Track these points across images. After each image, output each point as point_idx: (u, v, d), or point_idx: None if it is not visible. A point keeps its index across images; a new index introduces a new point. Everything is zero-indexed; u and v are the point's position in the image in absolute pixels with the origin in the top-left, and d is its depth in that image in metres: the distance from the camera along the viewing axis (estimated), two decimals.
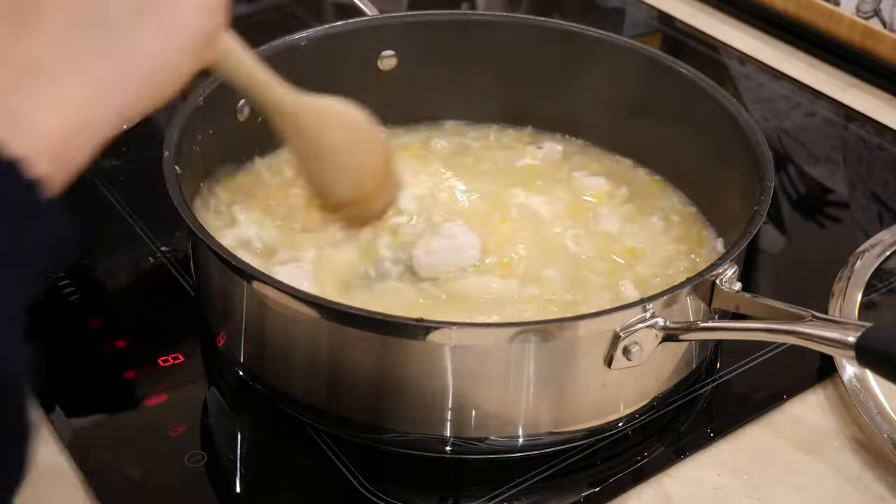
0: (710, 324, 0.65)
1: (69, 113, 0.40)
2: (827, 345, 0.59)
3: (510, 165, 0.86)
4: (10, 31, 0.40)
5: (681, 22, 1.19)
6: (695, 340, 0.66)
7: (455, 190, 0.82)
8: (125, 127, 0.47)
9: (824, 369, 0.73)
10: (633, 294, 0.72)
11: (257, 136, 0.78)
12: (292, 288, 0.61)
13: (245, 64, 0.64)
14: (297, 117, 0.69)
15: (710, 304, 0.65)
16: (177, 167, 0.67)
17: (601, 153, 0.88)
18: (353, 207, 0.74)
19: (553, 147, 0.87)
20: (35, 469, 0.38)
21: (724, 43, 1.15)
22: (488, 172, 0.85)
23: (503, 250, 0.75)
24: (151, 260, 0.81)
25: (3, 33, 0.40)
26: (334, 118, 0.71)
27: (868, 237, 0.85)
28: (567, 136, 0.89)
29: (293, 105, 0.69)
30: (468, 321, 0.68)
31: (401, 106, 0.88)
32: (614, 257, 0.76)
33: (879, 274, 0.81)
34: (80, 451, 0.66)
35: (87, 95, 0.41)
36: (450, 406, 0.62)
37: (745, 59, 1.12)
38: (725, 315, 0.69)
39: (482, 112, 0.91)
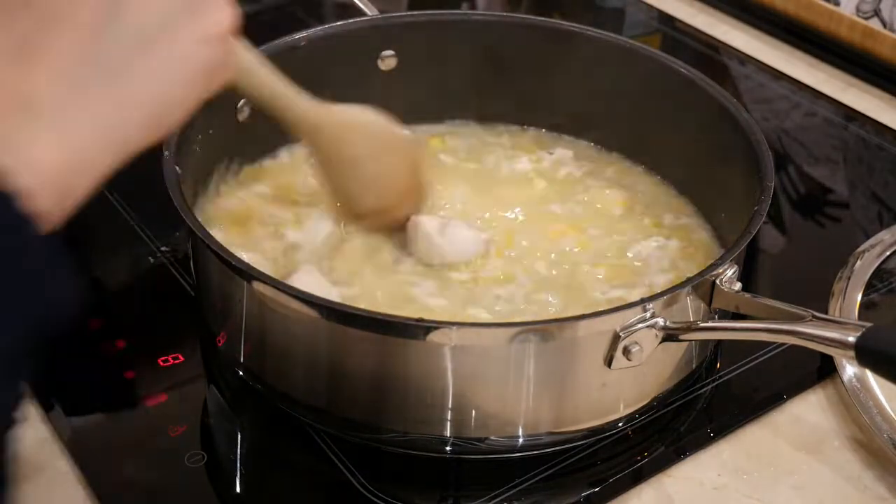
0: (710, 324, 0.65)
1: (69, 147, 0.39)
2: (827, 345, 0.59)
3: (514, 167, 0.86)
4: (11, 65, 0.39)
5: (681, 22, 1.19)
6: (695, 340, 0.66)
7: (458, 192, 0.82)
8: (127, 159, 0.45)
9: (824, 369, 0.73)
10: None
11: (258, 135, 0.78)
12: (292, 287, 0.61)
13: (261, 80, 0.65)
14: (319, 130, 0.70)
15: (710, 304, 0.65)
16: (177, 167, 0.67)
17: (607, 157, 0.88)
18: (378, 216, 0.74)
19: (564, 153, 0.87)
20: (35, 469, 0.38)
21: (724, 43, 1.15)
22: (491, 173, 0.85)
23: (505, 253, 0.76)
24: (151, 260, 0.81)
25: (3, 66, 0.39)
26: (356, 128, 0.71)
27: (868, 237, 0.85)
28: (567, 137, 0.89)
29: (314, 118, 0.69)
30: (469, 321, 0.68)
31: (401, 106, 0.88)
32: (615, 258, 0.77)
33: (879, 274, 0.81)
34: (80, 451, 0.66)
35: (87, 130, 0.40)
36: (450, 406, 0.62)
37: (745, 59, 1.12)
38: (725, 315, 0.69)
39: (483, 112, 0.91)
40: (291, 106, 0.68)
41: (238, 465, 0.66)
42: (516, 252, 0.76)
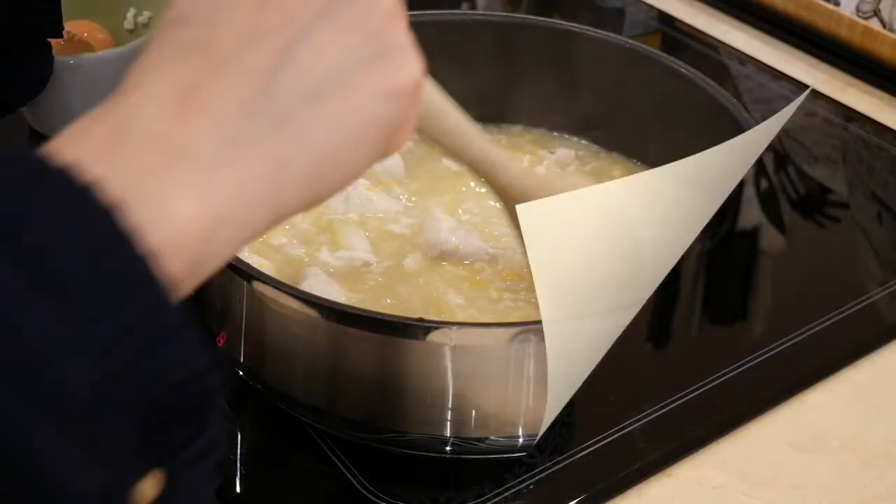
0: None
1: (210, 205, 0.34)
2: None
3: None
4: (171, 110, 0.35)
5: (681, 22, 1.19)
6: None
7: (462, 194, 0.82)
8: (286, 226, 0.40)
9: (824, 369, 0.73)
10: None
11: None
12: (292, 287, 0.61)
13: (457, 137, 0.60)
14: (527, 199, 0.63)
15: None
16: None
17: (607, 157, 0.88)
18: None
19: (566, 152, 0.87)
20: None
21: (724, 43, 1.15)
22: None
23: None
24: None
25: (165, 111, 0.35)
26: None
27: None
28: (566, 137, 0.89)
29: (519, 187, 0.64)
30: (468, 321, 0.68)
31: None
32: None
33: None
34: None
35: (235, 185, 0.35)
36: (450, 406, 0.62)
37: (745, 59, 1.12)
38: None
39: (482, 113, 0.90)
40: (499, 172, 0.63)
41: (238, 465, 0.66)
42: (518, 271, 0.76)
